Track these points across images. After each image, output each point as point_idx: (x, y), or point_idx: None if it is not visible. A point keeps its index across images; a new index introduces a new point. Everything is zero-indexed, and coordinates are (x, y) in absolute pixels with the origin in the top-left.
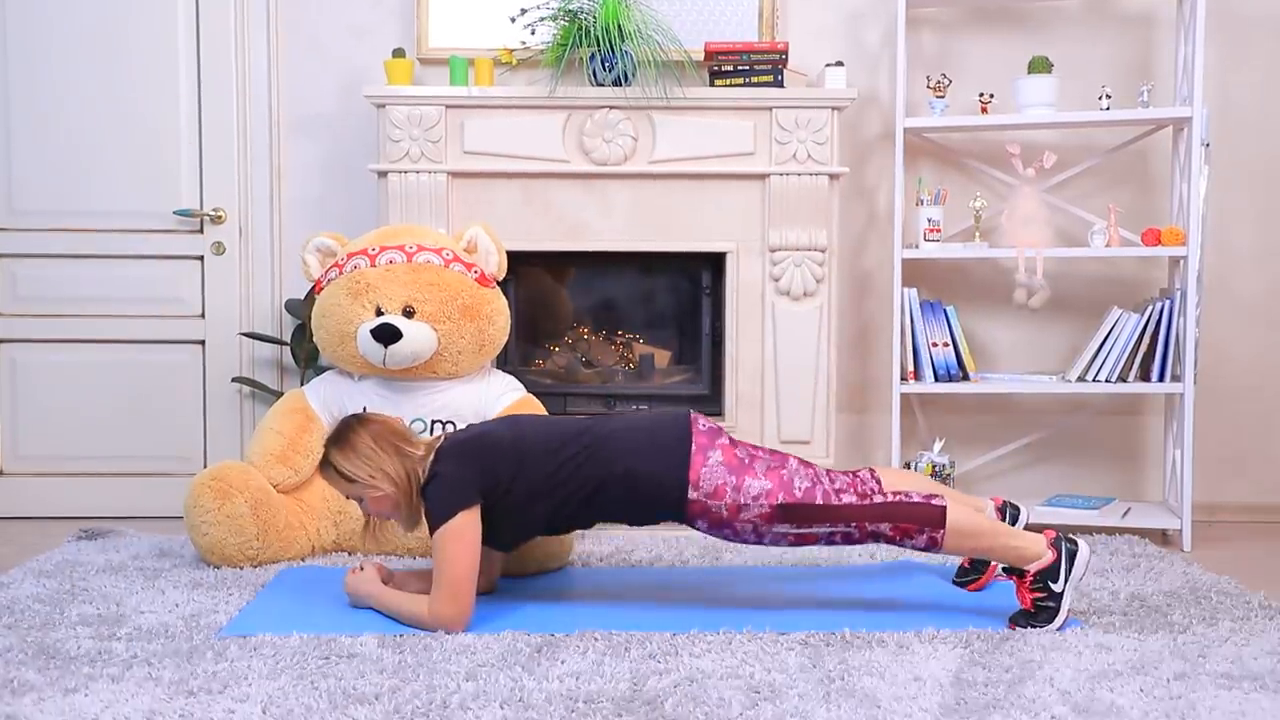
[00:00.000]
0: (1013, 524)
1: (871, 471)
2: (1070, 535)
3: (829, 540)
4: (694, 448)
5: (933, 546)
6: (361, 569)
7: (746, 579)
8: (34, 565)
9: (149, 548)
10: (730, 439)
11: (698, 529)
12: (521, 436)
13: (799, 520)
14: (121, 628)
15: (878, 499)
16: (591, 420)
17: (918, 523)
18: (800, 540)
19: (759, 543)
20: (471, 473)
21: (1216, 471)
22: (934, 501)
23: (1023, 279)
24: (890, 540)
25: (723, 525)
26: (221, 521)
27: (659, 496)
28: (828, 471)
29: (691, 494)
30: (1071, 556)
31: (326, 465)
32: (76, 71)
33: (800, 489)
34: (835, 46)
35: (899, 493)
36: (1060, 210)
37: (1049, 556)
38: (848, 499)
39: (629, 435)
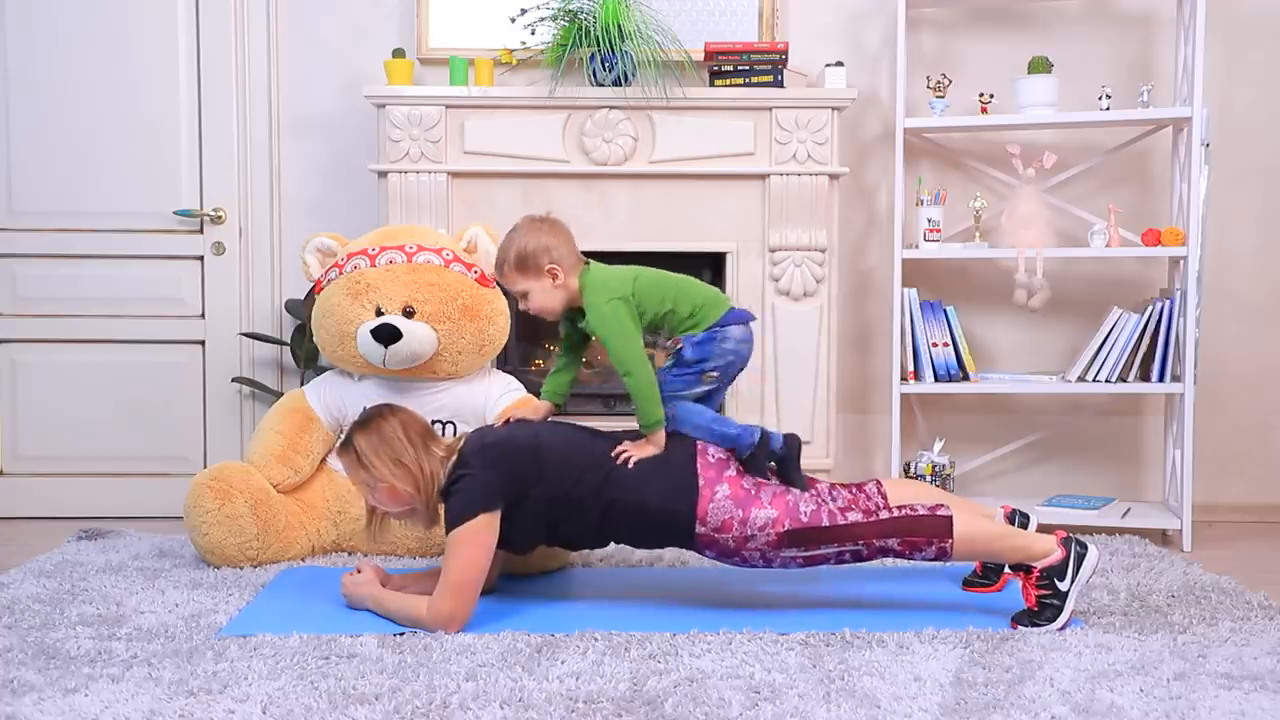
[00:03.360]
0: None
1: (878, 484)
2: (1081, 539)
3: (839, 559)
4: (701, 482)
5: (943, 556)
6: (359, 571)
7: (746, 579)
8: (34, 565)
9: (149, 548)
10: (737, 468)
11: (706, 556)
12: (542, 445)
13: (806, 544)
14: (121, 628)
15: (883, 515)
16: (607, 437)
17: (925, 535)
18: (809, 562)
19: (768, 567)
20: (497, 476)
21: (1216, 471)
22: (939, 512)
23: (1023, 279)
24: (899, 555)
25: (731, 554)
26: (221, 521)
27: (667, 526)
28: (831, 488)
29: (699, 528)
30: (1080, 558)
31: (348, 446)
32: (76, 71)
33: (806, 513)
34: (835, 47)
35: (903, 506)
36: (1060, 210)
37: (1057, 554)
38: (853, 517)
39: (641, 462)
